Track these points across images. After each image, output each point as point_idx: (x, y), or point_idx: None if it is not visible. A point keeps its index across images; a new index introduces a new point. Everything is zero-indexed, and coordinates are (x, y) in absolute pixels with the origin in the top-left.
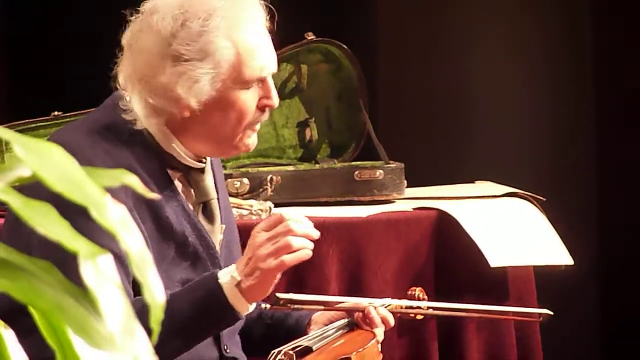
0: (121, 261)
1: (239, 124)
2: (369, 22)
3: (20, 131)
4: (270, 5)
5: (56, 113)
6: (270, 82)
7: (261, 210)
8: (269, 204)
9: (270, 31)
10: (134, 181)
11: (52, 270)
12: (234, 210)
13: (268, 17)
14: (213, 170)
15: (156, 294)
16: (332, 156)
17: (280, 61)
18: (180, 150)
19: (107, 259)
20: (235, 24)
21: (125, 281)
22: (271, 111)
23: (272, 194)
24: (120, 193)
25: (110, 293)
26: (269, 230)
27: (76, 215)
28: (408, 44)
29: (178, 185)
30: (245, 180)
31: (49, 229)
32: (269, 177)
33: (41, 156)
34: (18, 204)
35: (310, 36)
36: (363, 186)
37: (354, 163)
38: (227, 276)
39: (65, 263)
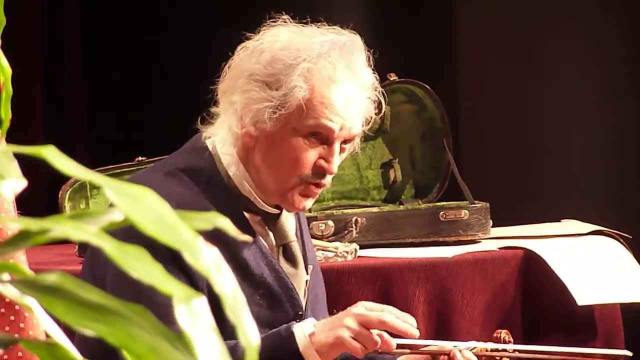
0: None
1: (291, 172)
2: (450, 61)
3: None
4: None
5: (140, 158)
6: (336, 150)
7: (347, 252)
8: (355, 245)
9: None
10: (226, 224)
11: (145, 315)
12: (319, 253)
13: (375, 96)
14: (298, 214)
15: (250, 336)
16: (416, 197)
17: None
18: (255, 194)
19: (202, 302)
20: (322, 75)
21: None
22: (354, 153)
23: (357, 235)
24: None
25: (206, 337)
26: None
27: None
28: (490, 82)
29: (257, 228)
30: (330, 223)
31: (143, 272)
32: (353, 219)
33: (134, 200)
34: (111, 248)
35: (393, 77)
36: (448, 226)
37: (438, 204)
38: (303, 325)
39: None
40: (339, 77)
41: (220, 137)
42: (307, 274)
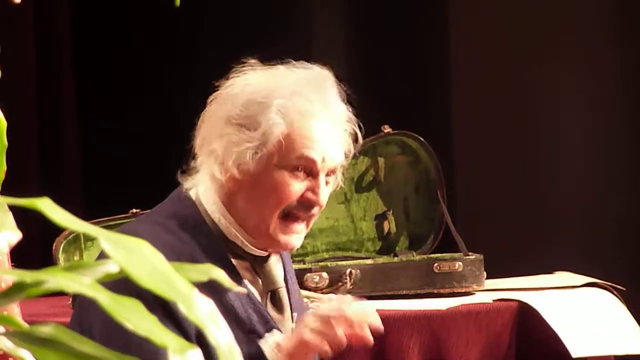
0: None
1: (274, 207)
2: (444, 113)
3: None
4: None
5: (134, 210)
6: (321, 181)
7: None
8: (349, 297)
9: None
10: (221, 276)
11: None
12: (314, 304)
13: (351, 129)
14: (283, 260)
15: None
16: (410, 248)
17: (357, 154)
18: (242, 238)
19: (196, 353)
20: (298, 109)
21: None
22: (349, 203)
23: (351, 287)
24: None
25: None
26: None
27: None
28: (484, 133)
29: (244, 274)
30: (325, 275)
31: (137, 324)
32: (347, 271)
33: (128, 252)
34: (106, 300)
35: (387, 129)
36: (442, 278)
37: (432, 255)
38: (271, 340)
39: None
40: (314, 110)
41: (204, 187)
42: (293, 321)
